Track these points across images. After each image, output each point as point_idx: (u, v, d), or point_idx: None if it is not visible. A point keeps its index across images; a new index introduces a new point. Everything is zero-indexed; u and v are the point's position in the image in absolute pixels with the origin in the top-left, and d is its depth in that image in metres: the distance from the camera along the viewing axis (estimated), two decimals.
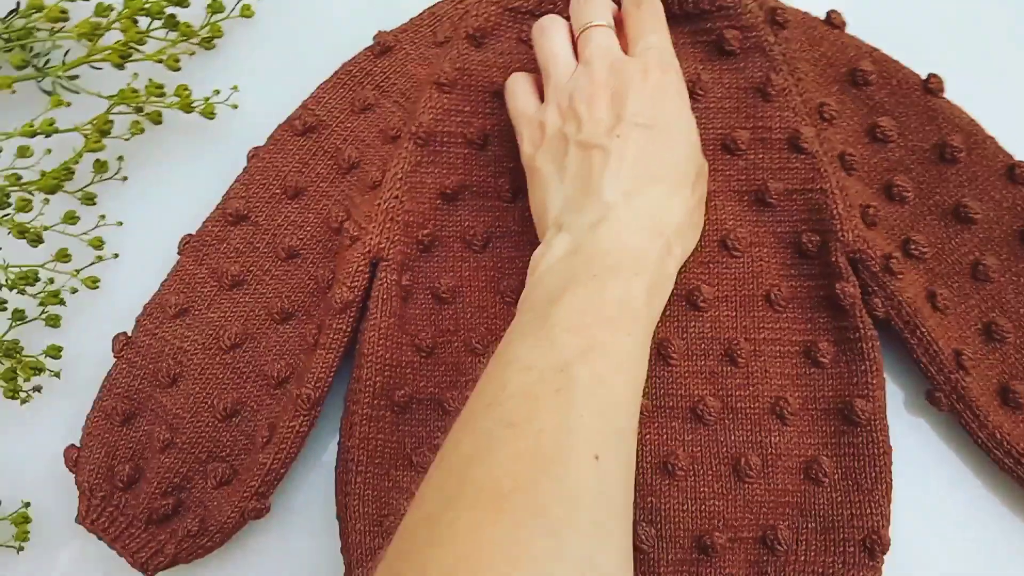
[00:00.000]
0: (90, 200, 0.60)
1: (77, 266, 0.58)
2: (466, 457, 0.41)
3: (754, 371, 0.54)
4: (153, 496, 0.53)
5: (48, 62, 0.60)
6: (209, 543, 0.52)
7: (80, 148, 0.57)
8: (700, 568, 0.52)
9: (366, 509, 0.52)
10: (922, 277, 0.55)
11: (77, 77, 0.60)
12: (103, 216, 0.60)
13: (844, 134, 0.57)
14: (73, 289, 0.58)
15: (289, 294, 0.56)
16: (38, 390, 0.57)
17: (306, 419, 0.53)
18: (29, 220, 0.56)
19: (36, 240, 0.56)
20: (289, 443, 0.53)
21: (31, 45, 0.59)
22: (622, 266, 0.46)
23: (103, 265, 0.59)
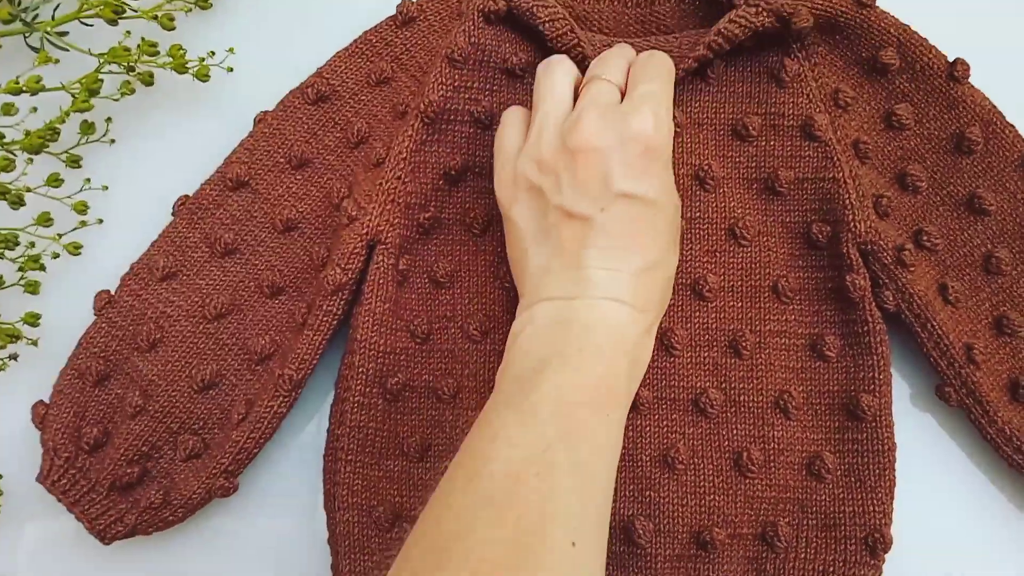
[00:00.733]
0: (75, 162, 0.58)
1: (60, 230, 0.57)
2: (449, 533, 0.40)
3: (758, 363, 0.53)
4: (119, 463, 0.52)
5: (37, 17, 0.58)
6: (171, 517, 0.52)
7: (67, 108, 0.55)
8: (698, 564, 0.51)
9: (355, 499, 0.51)
10: (933, 269, 0.54)
11: (67, 33, 0.58)
12: (88, 180, 0.58)
13: (859, 121, 0.55)
14: (55, 254, 0.57)
15: (282, 268, 0.55)
16: (14, 358, 0.56)
17: (285, 400, 0.52)
18: (11, 181, 0.55)
19: (18, 202, 0.55)
20: (265, 423, 0.52)
21: None
22: (606, 345, 0.46)
23: (87, 231, 0.58)
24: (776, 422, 0.52)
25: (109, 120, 0.59)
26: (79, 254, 0.57)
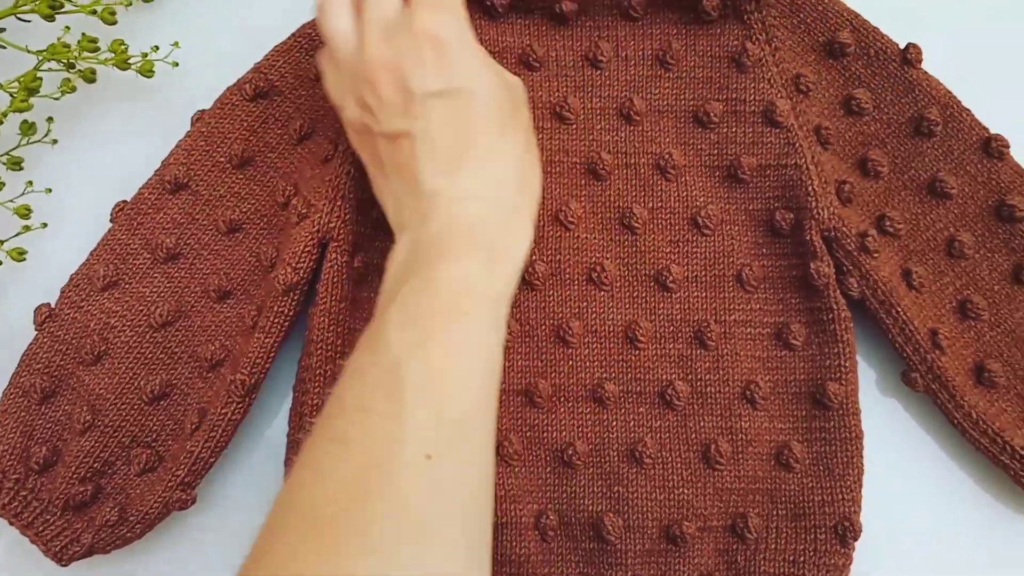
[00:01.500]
0: (16, 165, 0.57)
1: (2, 236, 0.56)
2: (296, 484, 0.40)
3: (724, 354, 0.53)
4: (71, 481, 0.51)
5: None
6: (129, 534, 0.51)
7: (5, 107, 0.54)
8: (669, 559, 0.51)
9: None
10: (897, 255, 0.54)
11: (3, 30, 0.57)
12: (31, 182, 0.57)
13: (820, 106, 0.55)
14: None
15: (228, 271, 0.54)
16: None
17: (240, 406, 0.51)
18: None
19: None
20: (220, 431, 0.51)
21: None
22: (452, 247, 0.44)
23: (30, 235, 0.57)
24: (743, 413, 0.52)
25: (50, 120, 0.58)
26: (23, 260, 0.56)
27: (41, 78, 0.55)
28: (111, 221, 0.55)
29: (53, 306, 0.53)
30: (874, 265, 0.53)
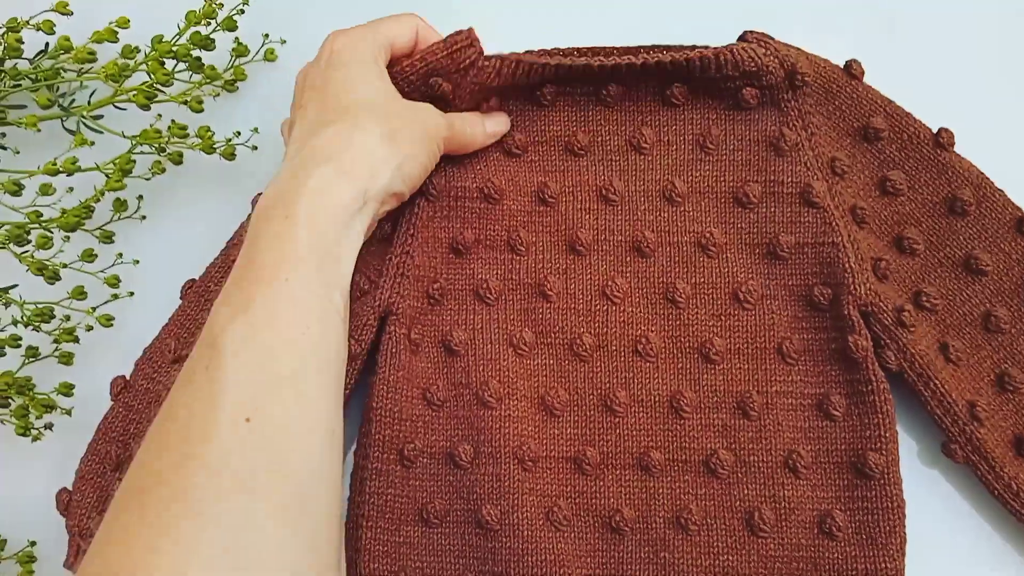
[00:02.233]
0: (108, 238, 0.60)
1: (93, 303, 0.58)
2: (133, 462, 0.41)
3: (767, 424, 0.54)
4: None
5: (73, 101, 0.60)
6: None
7: (101, 187, 0.58)
8: None
9: (375, 565, 0.52)
10: (934, 329, 0.55)
11: (101, 117, 0.60)
12: (120, 254, 0.60)
13: (855, 187, 0.57)
14: (88, 327, 0.58)
15: None
16: (49, 427, 0.57)
17: None
18: (48, 257, 0.56)
19: (53, 277, 0.56)
20: None
21: (57, 85, 0.60)
22: (270, 212, 0.47)
23: (118, 303, 0.60)
24: (786, 481, 0.53)
25: (140, 198, 0.61)
26: (111, 325, 0.59)
27: (134, 160, 0.58)
28: (181, 298, 0.57)
29: (128, 377, 0.56)
30: (911, 339, 0.54)
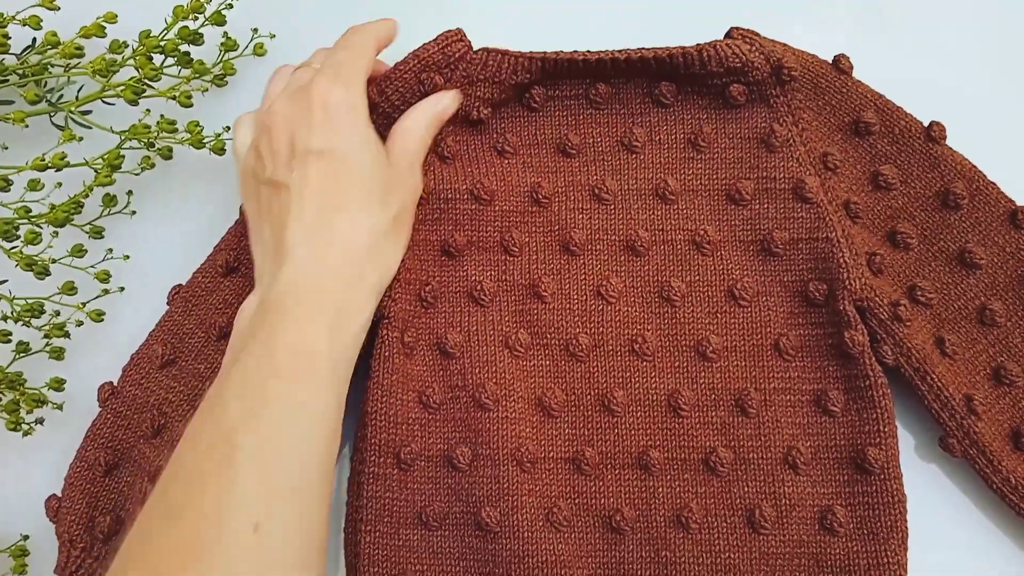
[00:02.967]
0: (98, 234, 0.60)
1: (83, 299, 0.58)
2: (126, 552, 0.40)
3: (765, 421, 0.54)
4: None
5: (61, 97, 0.60)
6: None
7: (90, 182, 0.58)
8: None
9: (375, 570, 0.52)
10: (929, 323, 0.55)
11: (90, 112, 0.60)
12: (111, 249, 0.60)
13: (848, 182, 0.57)
14: (79, 322, 0.58)
15: None
16: (40, 422, 0.57)
17: None
18: (37, 253, 0.56)
19: (43, 273, 0.56)
20: None
21: (45, 80, 0.60)
22: (296, 310, 0.46)
23: (109, 298, 0.60)
24: (786, 478, 0.53)
25: (130, 193, 0.61)
26: (102, 321, 0.59)
27: (123, 156, 0.58)
28: (168, 304, 0.57)
29: (115, 384, 0.56)
30: (907, 333, 0.54)
